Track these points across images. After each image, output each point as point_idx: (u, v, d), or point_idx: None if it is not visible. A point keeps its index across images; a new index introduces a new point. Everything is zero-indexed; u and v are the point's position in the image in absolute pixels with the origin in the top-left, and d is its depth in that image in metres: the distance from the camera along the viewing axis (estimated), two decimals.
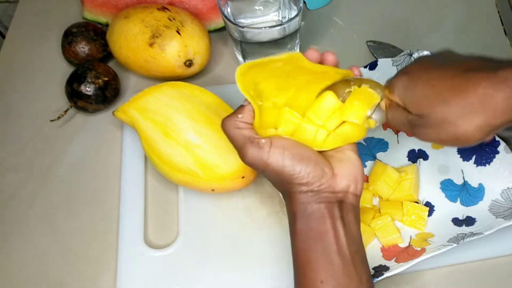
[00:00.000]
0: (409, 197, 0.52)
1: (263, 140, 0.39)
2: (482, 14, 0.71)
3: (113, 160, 0.57)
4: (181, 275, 0.50)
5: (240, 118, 0.40)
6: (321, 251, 0.37)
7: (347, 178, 0.39)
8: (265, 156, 0.38)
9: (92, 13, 0.67)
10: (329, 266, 0.37)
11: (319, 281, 0.36)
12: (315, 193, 0.38)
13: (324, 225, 0.38)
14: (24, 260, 0.52)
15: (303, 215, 0.38)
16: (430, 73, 0.37)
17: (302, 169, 0.38)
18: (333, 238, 0.37)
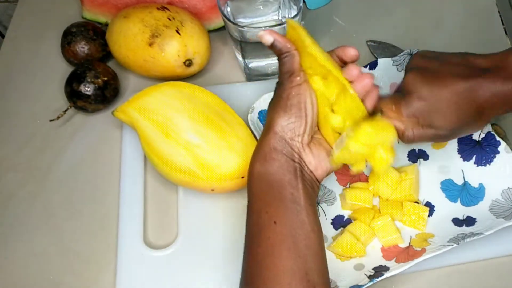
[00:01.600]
0: (409, 197, 0.52)
1: (298, 78, 0.42)
2: (482, 13, 0.71)
3: (113, 160, 0.57)
4: (181, 275, 0.50)
5: (295, 52, 0.43)
6: (277, 196, 0.40)
7: (313, 157, 0.42)
8: (289, 85, 0.42)
9: (92, 13, 0.67)
10: (284, 210, 0.39)
11: (273, 221, 0.38)
12: (285, 142, 0.41)
13: (283, 175, 0.40)
14: (23, 260, 0.52)
15: (267, 157, 0.41)
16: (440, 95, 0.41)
17: (294, 114, 0.41)
18: (289, 186, 0.40)
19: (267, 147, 0.41)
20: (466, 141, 0.54)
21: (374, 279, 0.45)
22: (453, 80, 0.41)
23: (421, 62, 0.43)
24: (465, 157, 0.54)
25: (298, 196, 0.40)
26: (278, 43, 0.42)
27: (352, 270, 0.48)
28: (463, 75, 0.41)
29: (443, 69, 0.42)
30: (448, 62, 0.42)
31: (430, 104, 0.41)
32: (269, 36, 0.43)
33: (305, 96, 0.42)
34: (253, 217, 0.40)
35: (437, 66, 0.42)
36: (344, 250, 0.49)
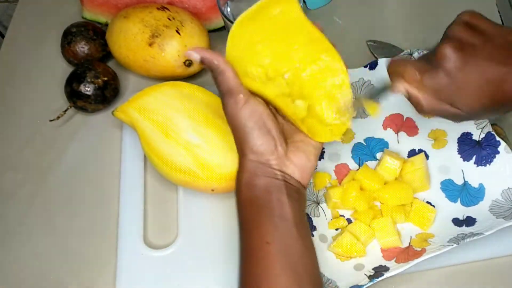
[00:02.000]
0: (423, 187, 0.53)
1: (241, 95, 0.40)
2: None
3: (113, 160, 0.57)
4: (181, 275, 0.50)
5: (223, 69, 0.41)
6: (266, 216, 0.39)
7: (295, 165, 0.41)
8: (236, 111, 0.40)
9: (92, 13, 0.67)
10: (274, 228, 0.39)
11: (265, 242, 0.38)
12: (262, 165, 0.41)
13: (269, 196, 0.40)
14: (23, 260, 0.52)
15: (249, 184, 0.41)
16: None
17: (257, 137, 0.40)
18: (277, 205, 0.39)
19: (247, 174, 0.41)
20: (466, 141, 0.54)
21: (374, 279, 0.45)
22: (489, 66, 0.38)
23: (462, 32, 0.39)
24: (465, 157, 0.54)
25: (287, 213, 0.39)
26: (205, 60, 0.41)
27: (352, 270, 0.48)
28: (501, 61, 0.38)
29: (483, 49, 0.38)
30: (491, 41, 0.38)
31: (457, 84, 0.38)
32: (196, 54, 0.41)
33: (258, 113, 0.41)
34: (245, 238, 0.40)
35: (479, 44, 0.38)
36: (344, 250, 0.49)
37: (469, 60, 0.38)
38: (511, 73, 0.37)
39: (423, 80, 0.39)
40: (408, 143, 0.57)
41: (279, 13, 0.41)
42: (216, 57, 0.40)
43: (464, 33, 0.39)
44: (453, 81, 0.38)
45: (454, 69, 0.38)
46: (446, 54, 0.38)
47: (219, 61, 0.40)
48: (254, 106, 0.41)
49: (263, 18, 0.41)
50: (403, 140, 0.57)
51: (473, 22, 0.39)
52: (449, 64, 0.38)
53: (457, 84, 0.38)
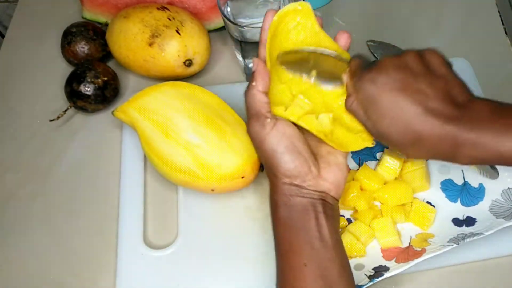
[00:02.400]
0: (423, 187, 0.53)
1: (269, 120, 0.40)
2: (482, 14, 0.71)
3: (113, 160, 0.57)
4: (181, 275, 0.50)
5: (254, 85, 0.40)
6: (304, 238, 0.39)
7: (330, 182, 0.41)
8: (263, 135, 0.40)
9: (92, 13, 0.67)
10: (311, 250, 0.38)
11: (303, 264, 0.38)
12: (297, 187, 0.40)
13: (307, 215, 0.39)
14: (23, 260, 0.52)
15: (286, 205, 0.40)
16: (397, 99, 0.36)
17: (290, 160, 0.39)
18: (315, 226, 0.39)
19: (282, 197, 0.40)
20: None
21: (374, 279, 0.45)
22: (415, 101, 0.36)
23: (413, 60, 0.38)
24: None
25: (325, 234, 0.39)
26: (254, 76, 0.41)
27: (352, 270, 0.48)
28: (427, 107, 0.36)
29: (417, 82, 0.37)
30: (431, 82, 0.37)
31: (374, 98, 0.37)
32: (259, 66, 0.41)
33: (287, 136, 0.40)
34: (282, 259, 0.40)
35: (418, 76, 0.37)
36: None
37: (397, 83, 0.37)
38: (423, 117, 0.36)
39: (354, 77, 0.40)
40: None
41: (295, 26, 0.42)
42: (264, 77, 0.40)
43: (414, 60, 0.38)
44: (373, 93, 0.37)
45: (380, 83, 0.37)
46: (384, 66, 0.38)
47: (262, 82, 0.40)
48: (282, 129, 0.40)
49: (281, 32, 0.42)
50: None
51: (427, 57, 0.38)
52: (379, 76, 0.37)
53: (373, 98, 0.37)
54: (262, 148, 0.40)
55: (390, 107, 0.36)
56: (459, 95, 0.36)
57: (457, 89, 0.37)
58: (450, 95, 0.36)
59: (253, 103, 0.40)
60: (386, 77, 0.37)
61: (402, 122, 0.36)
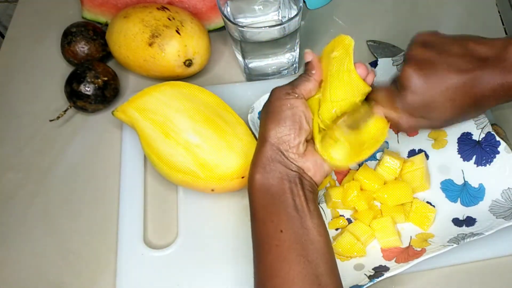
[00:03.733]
0: (422, 186, 0.53)
1: (297, 95, 0.43)
2: (482, 14, 0.71)
3: (113, 160, 0.57)
4: (181, 275, 0.50)
5: (313, 73, 0.44)
6: (281, 205, 0.40)
7: (310, 163, 0.43)
8: (283, 96, 0.43)
9: (92, 13, 0.67)
10: (287, 217, 0.40)
11: (279, 230, 0.39)
12: (280, 153, 0.42)
13: (284, 185, 0.41)
14: (23, 260, 0.52)
15: (265, 170, 0.42)
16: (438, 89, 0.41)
17: (289, 126, 0.42)
18: (290, 195, 0.41)
19: (265, 158, 0.42)
20: (466, 141, 0.54)
21: (374, 279, 0.45)
22: (450, 75, 0.40)
23: (419, 52, 0.42)
24: (465, 157, 0.54)
25: (300, 203, 0.40)
26: (309, 65, 0.44)
27: (352, 270, 0.48)
28: (461, 69, 0.40)
29: (441, 61, 0.41)
30: (447, 52, 0.41)
31: (424, 99, 0.41)
32: (309, 56, 0.45)
33: (300, 110, 0.43)
34: (258, 226, 0.41)
35: (435, 57, 0.41)
36: (344, 250, 0.49)
37: (430, 75, 0.41)
38: (476, 78, 0.40)
39: (395, 103, 0.42)
40: (408, 143, 0.57)
41: (335, 56, 0.45)
42: (317, 71, 0.44)
43: (420, 52, 0.42)
44: (421, 99, 0.41)
45: (419, 87, 0.41)
46: (407, 76, 0.41)
47: (316, 74, 0.44)
48: (300, 103, 0.43)
49: (326, 56, 0.45)
50: (403, 140, 0.57)
51: (427, 40, 0.43)
52: (412, 84, 0.41)
53: (425, 101, 0.41)
54: (274, 105, 0.43)
55: (444, 97, 0.40)
56: (484, 43, 0.41)
57: (473, 41, 0.42)
58: (476, 47, 0.41)
59: (303, 82, 0.44)
60: (418, 81, 0.41)
61: (460, 97, 0.40)
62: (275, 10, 0.60)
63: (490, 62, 0.40)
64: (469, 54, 0.41)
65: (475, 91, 0.40)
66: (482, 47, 0.41)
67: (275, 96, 0.44)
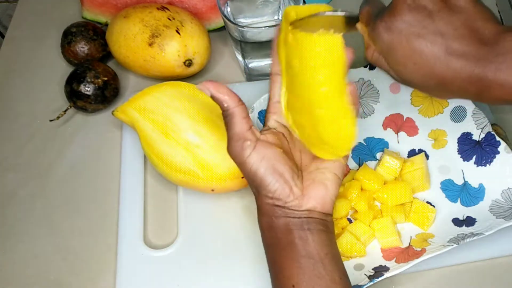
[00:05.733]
0: (423, 186, 0.53)
1: (249, 142, 0.39)
2: None
3: (113, 160, 0.57)
4: (181, 275, 0.50)
5: (237, 109, 0.39)
6: (290, 258, 0.38)
7: (315, 200, 0.39)
8: (243, 158, 0.39)
9: (92, 13, 0.67)
10: (298, 269, 0.37)
11: (291, 285, 0.37)
12: (280, 208, 0.39)
13: (291, 235, 0.38)
14: (23, 260, 0.52)
15: (271, 226, 0.39)
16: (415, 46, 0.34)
17: (270, 183, 0.38)
18: (301, 245, 0.38)
19: (266, 218, 0.40)
20: (466, 141, 0.54)
21: (374, 279, 0.45)
22: (434, 40, 0.33)
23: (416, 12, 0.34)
24: (465, 157, 0.54)
25: (310, 250, 0.38)
26: (215, 99, 0.39)
27: (352, 270, 0.48)
28: (450, 48, 0.33)
29: (437, 20, 0.34)
30: (453, 15, 0.34)
31: (390, 45, 0.35)
32: (206, 91, 0.38)
33: (268, 157, 0.38)
34: (273, 281, 0.40)
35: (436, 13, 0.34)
36: (344, 250, 0.49)
37: (413, 27, 0.34)
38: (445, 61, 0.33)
39: (369, 24, 0.37)
40: (408, 143, 0.57)
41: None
42: (227, 99, 0.38)
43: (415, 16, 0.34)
44: (389, 42, 0.35)
45: (395, 30, 0.34)
46: (396, 10, 0.34)
47: (229, 103, 0.38)
48: (262, 151, 0.39)
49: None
50: (403, 140, 0.57)
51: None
52: (393, 22, 0.34)
53: (391, 47, 0.35)
54: (243, 170, 0.39)
55: (410, 54, 0.34)
56: (484, 29, 0.33)
57: (481, 22, 0.33)
58: (473, 31, 0.33)
59: (232, 125, 0.39)
60: (401, 22, 0.34)
61: (424, 68, 0.34)
62: (275, 10, 0.60)
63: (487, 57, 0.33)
64: (471, 36, 0.33)
65: (445, 74, 0.34)
66: (489, 31, 0.33)
67: (237, 162, 0.39)
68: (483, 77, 0.32)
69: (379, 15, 0.36)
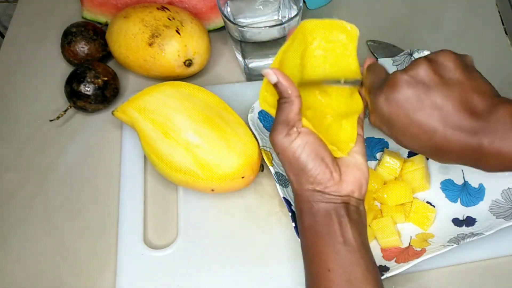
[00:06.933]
0: (422, 186, 0.53)
1: (295, 128, 0.40)
2: (482, 14, 0.71)
3: (113, 160, 0.57)
4: (181, 275, 0.50)
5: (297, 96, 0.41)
6: (328, 243, 0.39)
7: (352, 184, 0.41)
8: (287, 143, 0.40)
9: (92, 13, 0.67)
10: (335, 255, 0.38)
11: (327, 269, 0.38)
12: (320, 193, 0.40)
13: (331, 220, 0.39)
14: (24, 260, 0.52)
15: (310, 212, 0.40)
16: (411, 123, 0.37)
17: (313, 167, 0.40)
18: (339, 231, 0.39)
19: (307, 204, 0.40)
20: None
21: None
22: (431, 120, 0.35)
23: (425, 72, 0.36)
24: None
25: (348, 238, 0.39)
26: (280, 86, 0.40)
27: None
28: (448, 122, 0.35)
29: (434, 95, 0.35)
30: (450, 89, 0.35)
31: (390, 115, 0.37)
32: (273, 76, 0.40)
33: (310, 143, 0.40)
34: (307, 265, 0.40)
35: (434, 87, 0.36)
36: None
37: (410, 102, 0.36)
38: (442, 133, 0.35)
39: (371, 94, 0.39)
40: None
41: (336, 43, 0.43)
42: (291, 87, 0.40)
43: (425, 70, 0.36)
44: (388, 112, 0.37)
45: (393, 102, 0.37)
46: (394, 84, 0.37)
47: (293, 91, 0.40)
48: (306, 137, 0.40)
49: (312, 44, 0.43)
50: None
51: (443, 64, 0.36)
52: (391, 95, 0.37)
53: (390, 117, 0.37)
54: (286, 155, 0.40)
55: (408, 125, 0.36)
56: (479, 102, 0.35)
57: (475, 95, 0.35)
58: (468, 105, 0.35)
59: (288, 111, 0.40)
60: (399, 96, 0.36)
61: (422, 138, 0.36)
62: (275, 10, 0.60)
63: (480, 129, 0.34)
64: (467, 109, 0.35)
65: (442, 145, 0.36)
66: (479, 102, 0.35)
67: (278, 148, 0.41)
68: (479, 148, 0.34)
69: (380, 85, 0.38)
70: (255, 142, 0.52)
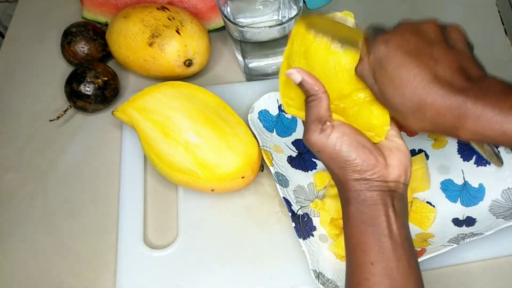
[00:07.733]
0: (422, 186, 0.53)
1: (329, 123, 0.40)
2: (482, 14, 0.71)
3: (113, 160, 0.57)
4: (181, 275, 0.50)
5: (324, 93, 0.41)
6: (372, 234, 0.38)
7: (398, 168, 0.40)
8: (324, 139, 0.39)
9: (92, 13, 0.67)
10: (379, 248, 0.37)
11: (370, 262, 0.37)
12: (367, 181, 0.39)
13: (377, 210, 0.38)
14: (23, 260, 0.52)
15: (356, 201, 0.39)
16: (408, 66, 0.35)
17: (357, 156, 0.39)
18: (384, 222, 0.38)
19: (354, 193, 0.39)
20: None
21: None
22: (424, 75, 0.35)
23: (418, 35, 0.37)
24: (465, 157, 0.54)
25: (394, 231, 0.38)
26: (305, 84, 0.40)
27: None
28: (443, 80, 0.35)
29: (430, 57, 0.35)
30: (444, 53, 0.36)
31: (387, 65, 0.36)
32: (298, 75, 0.40)
33: (348, 133, 0.39)
34: (349, 254, 0.40)
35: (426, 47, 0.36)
36: (344, 250, 0.49)
37: (410, 46, 0.36)
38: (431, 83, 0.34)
39: (369, 38, 0.38)
40: (408, 143, 0.56)
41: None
42: (317, 83, 0.40)
43: (434, 29, 0.37)
44: (384, 53, 0.36)
45: (392, 44, 0.36)
46: (400, 29, 0.37)
47: (319, 87, 0.40)
48: (341, 129, 0.39)
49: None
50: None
51: (451, 33, 0.37)
52: (393, 38, 0.36)
53: (383, 59, 0.36)
54: (325, 151, 0.40)
55: (399, 69, 0.35)
56: (472, 70, 0.35)
57: (471, 64, 0.36)
58: (462, 68, 0.35)
59: (319, 108, 0.40)
60: (400, 39, 0.36)
61: (408, 86, 0.35)
62: (275, 10, 0.60)
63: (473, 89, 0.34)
64: (461, 70, 0.35)
65: (426, 97, 0.35)
66: (474, 71, 0.36)
67: (316, 147, 0.40)
68: (462, 106, 0.34)
69: (383, 31, 0.38)
70: (255, 142, 0.52)
